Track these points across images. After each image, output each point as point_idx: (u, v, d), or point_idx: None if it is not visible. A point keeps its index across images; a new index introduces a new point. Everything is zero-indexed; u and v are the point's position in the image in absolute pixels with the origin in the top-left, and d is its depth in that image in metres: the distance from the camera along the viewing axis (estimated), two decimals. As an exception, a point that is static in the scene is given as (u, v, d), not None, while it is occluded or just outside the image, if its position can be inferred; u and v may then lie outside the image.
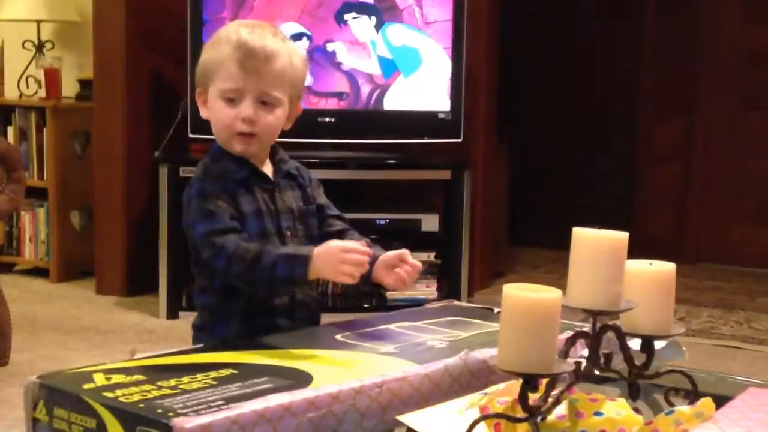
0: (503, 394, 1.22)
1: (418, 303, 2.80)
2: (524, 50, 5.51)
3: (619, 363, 1.29)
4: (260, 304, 1.68)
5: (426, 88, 4.00)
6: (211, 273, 1.67)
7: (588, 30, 5.51)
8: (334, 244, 1.60)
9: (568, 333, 1.25)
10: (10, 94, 4.65)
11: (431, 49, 3.98)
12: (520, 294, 1.15)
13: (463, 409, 1.24)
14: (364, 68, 3.97)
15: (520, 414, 1.15)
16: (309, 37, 3.94)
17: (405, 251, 1.73)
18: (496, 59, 4.46)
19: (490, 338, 1.50)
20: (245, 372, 1.32)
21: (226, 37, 1.68)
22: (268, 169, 1.75)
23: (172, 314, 3.87)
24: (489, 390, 1.27)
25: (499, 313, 1.66)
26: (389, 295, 4.01)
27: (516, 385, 1.18)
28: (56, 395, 1.23)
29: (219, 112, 1.69)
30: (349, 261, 1.57)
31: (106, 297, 4.18)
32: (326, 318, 1.76)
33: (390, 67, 3.98)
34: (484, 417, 1.17)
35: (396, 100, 4.00)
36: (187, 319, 3.71)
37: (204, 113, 1.74)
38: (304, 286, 1.68)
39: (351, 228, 1.80)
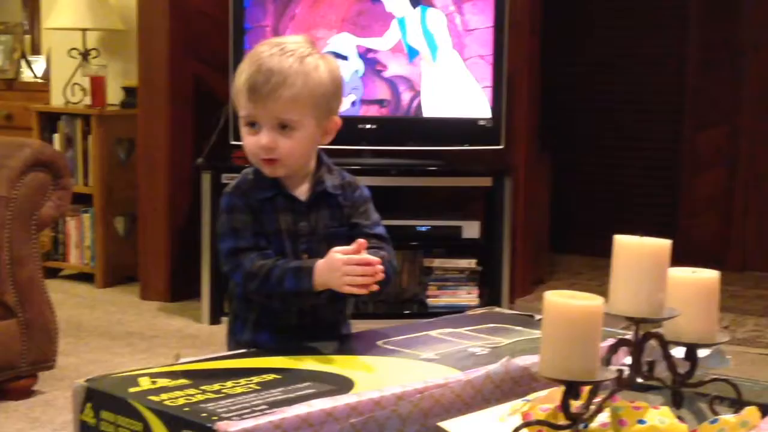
0: (545, 401, 1.22)
1: (459, 310, 2.80)
2: (566, 56, 5.48)
3: (662, 371, 1.28)
4: (268, 318, 1.69)
5: (467, 95, 4.00)
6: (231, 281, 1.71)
7: (631, 35, 5.47)
8: (336, 254, 1.59)
9: (610, 341, 1.25)
10: (57, 101, 4.72)
11: (472, 56, 3.98)
12: (562, 301, 1.15)
13: (505, 415, 1.24)
14: (405, 73, 3.98)
15: (562, 421, 1.15)
16: (351, 46, 3.95)
17: (361, 241, 1.62)
18: (538, 65, 4.45)
19: (532, 345, 1.50)
20: (288, 377, 1.33)
21: (247, 61, 1.67)
22: (302, 188, 1.72)
23: (215, 320, 3.90)
24: (531, 397, 1.27)
25: (540, 320, 1.66)
26: (430, 302, 4.02)
27: (558, 392, 1.18)
28: (103, 398, 1.25)
29: (244, 138, 1.69)
30: (352, 272, 1.56)
31: (149, 302, 4.22)
32: (366, 325, 1.76)
33: (416, 52, 3.98)
34: (527, 424, 1.17)
35: (436, 108, 4.00)
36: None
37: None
38: (312, 299, 1.63)
39: (383, 248, 1.70)
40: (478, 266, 4.04)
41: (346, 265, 1.57)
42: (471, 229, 4.01)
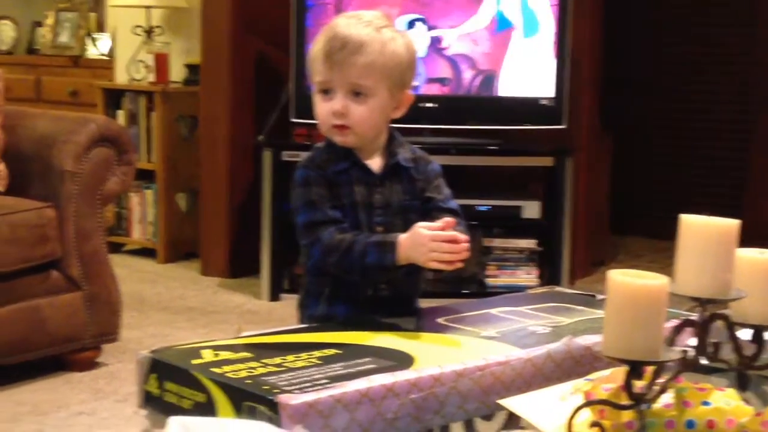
0: (608, 380, 1.21)
1: (518, 290, 2.78)
2: (629, 35, 5.40)
3: (727, 353, 1.26)
4: (345, 291, 1.70)
5: (529, 74, 3.96)
6: (308, 254, 1.71)
7: (697, 15, 5.37)
8: (422, 230, 1.58)
9: (675, 321, 1.23)
10: (121, 78, 4.77)
11: (535, 35, 3.94)
12: (626, 280, 1.13)
13: (567, 394, 1.23)
14: (466, 52, 3.96)
15: (624, 401, 1.14)
16: (423, 21, 3.94)
17: (449, 220, 1.62)
18: (601, 44, 4.40)
19: (594, 325, 1.49)
20: (349, 352, 1.34)
21: (324, 30, 1.70)
22: (375, 161, 1.73)
23: (274, 296, 3.93)
24: (593, 376, 1.26)
25: (602, 300, 1.65)
26: (489, 281, 4.01)
27: (621, 372, 1.17)
28: (167, 369, 1.27)
29: (317, 106, 1.70)
30: (439, 249, 1.57)
31: (210, 278, 4.27)
32: (424, 303, 1.76)
33: (504, 24, 3.95)
34: (588, 403, 1.16)
35: (498, 87, 3.98)
36: (287, 302, 3.79)
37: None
38: (393, 273, 1.63)
39: (460, 224, 1.69)
40: (538, 246, 4.02)
41: (433, 241, 1.57)
42: (531, 209, 3.99)
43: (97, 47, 5.46)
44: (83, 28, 5.46)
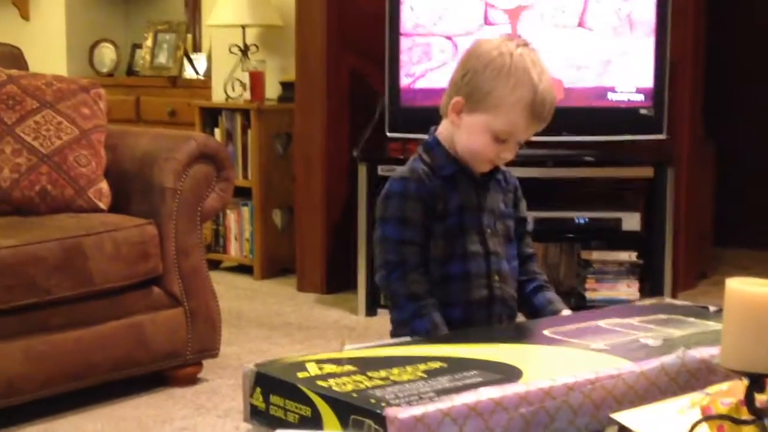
0: (727, 394, 1.16)
1: (618, 303, 2.72)
2: (732, 41, 5.27)
3: None
4: (458, 296, 1.72)
5: (627, 83, 3.89)
6: (390, 268, 1.74)
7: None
8: None
9: (798, 332, 1.17)
10: (217, 97, 4.84)
11: (633, 42, 3.87)
12: (746, 288, 1.09)
13: (684, 408, 1.19)
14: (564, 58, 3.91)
15: (745, 416, 1.10)
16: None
17: None
18: (702, 52, 4.29)
19: (708, 337, 1.43)
20: (454, 365, 1.31)
21: (524, 78, 1.70)
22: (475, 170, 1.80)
23: (371, 311, 3.92)
24: (711, 390, 1.21)
25: (715, 311, 1.59)
26: (588, 295, 3.93)
27: (740, 385, 1.12)
28: (272, 383, 1.26)
29: (482, 144, 1.72)
30: None
31: (306, 294, 4.28)
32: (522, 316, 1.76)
33: (601, 31, 3.90)
34: (707, 418, 1.12)
35: (594, 97, 3.91)
36: (384, 317, 3.76)
37: (454, 121, 1.75)
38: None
39: (534, 254, 1.90)
40: (638, 259, 3.93)
41: None
42: (631, 221, 3.90)
43: (194, 67, 5.56)
44: (180, 49, 5.56)
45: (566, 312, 1.80)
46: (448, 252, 1.73)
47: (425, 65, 3.84)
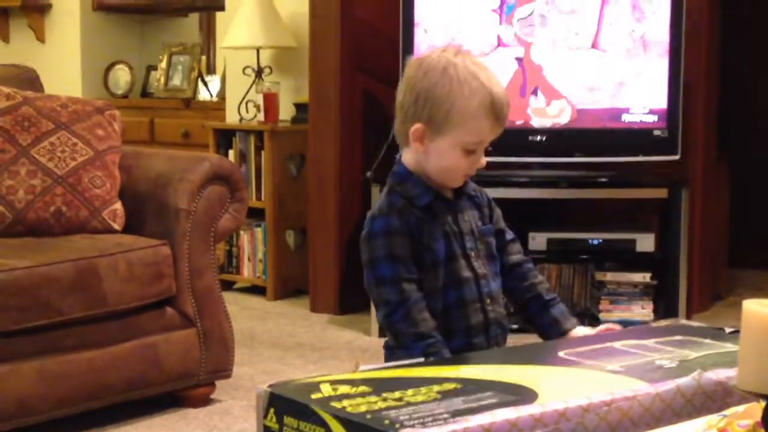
0: (744, 416, 1.15)
1: (632, 325, 2.71)
2: (746, 61, 5.26)
3: None
4: (458, 323, 1.72)
5: (641, 104, 3.89)
6: (392, 307, 1.72)
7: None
8: None
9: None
10: (231, 118, 4.86)
11: (647, 63, 3.87)
12: (763, 310, 1.08)
13: (700, 431, 1.18)
14: (576, 81, 3.91)
15: (763, 438, 1.09)
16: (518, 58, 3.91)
17: (613, 327, 1.74)
18: (716, 72, 4.29)
19: (724, 359, 1.42)
20: (469, 386, 1.31)
21: (475, 85, 1.67)
22: (449, 192, 1.78)
23: (384, 333, 3.90)
24: (728, 412, 1.20)
25: (731, 333, 1.58)
26: (602, 316, 3.92)
27: (757, 407, 1.11)
28: (286, 404, 1.25)
29: (454, 161, 1.70)
30: None
31: (319, 314, 4.28)
32: (538, 340, 1.75)
33: (615, 53, 3.90)
34: (724, 440, 1.11)
35: (608, 118, 3.91)
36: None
37: (419, 149, 1.72)
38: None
39: (527, 259, 1.86)
40: (652, 280, 3.92)
41: None
42: (645, 242, 3.90)
43: (209, 89, 5.58)
44: (195, 70, 5.59)
45: (574, 327, 1.78)
46: (442, 282, 1.72)
47: (438, 86, 3.84)
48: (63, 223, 2.90)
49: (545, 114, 3.92)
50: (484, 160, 1.72)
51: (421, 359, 1.54)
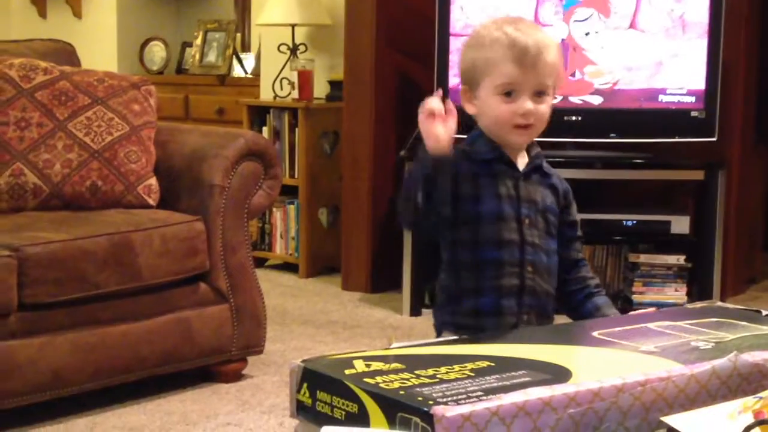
0: (780, 399, 1.14)
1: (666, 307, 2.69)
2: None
3: None
4: (489, 282, 1.75)
5: (679, 85, 3.85)
6: (447, 251, 1.80)
7: None
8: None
9: None
10: (266, 95, 4.87)
11: (686, 44, 3.83)
12: (803, 292, 1.07)
13: (735, 413, 1.17)
14: (612, 60, 3.87)
15: (800, 421, 1.08)
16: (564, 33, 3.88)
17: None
18: (755, 54, 4.23)
19: (761, 341, 1.41)
20: (502, 364, 1.30)
21: (493, 38, 1.75)
22: (521, 160, 1.82)
23: (415, 311, 3.92)
24: (763, 394, 1.19)
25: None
26: (635, 298, 3.90)
27: (795, 390, 1.10)
28: (319, 379, 1.26)
29: (495, 108, 1.76)
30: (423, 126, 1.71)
31: (351, 293, 4.29)
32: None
33: (653, 32, 3.86)
34: (759, 422, 1.10)
35: (645, 98, 3.87)
36: (429, 317, 3.76)
37: (471, 109, 1.81)
38: (430, 163, 1.71)
39: (584, 259, 1.91)
40: (686, 263, 3.89)
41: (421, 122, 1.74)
42: (680, 225, 3.86)
43: (243, 66, 5.59)
44: (230, 47, 5.60)
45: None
46: (481, 237, 1.76)
47: (474, 65, 3.82)
48: (98, 197, 2.92)
49: (583, 92, 3.89)
50: (527, 105, 1.73)
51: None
